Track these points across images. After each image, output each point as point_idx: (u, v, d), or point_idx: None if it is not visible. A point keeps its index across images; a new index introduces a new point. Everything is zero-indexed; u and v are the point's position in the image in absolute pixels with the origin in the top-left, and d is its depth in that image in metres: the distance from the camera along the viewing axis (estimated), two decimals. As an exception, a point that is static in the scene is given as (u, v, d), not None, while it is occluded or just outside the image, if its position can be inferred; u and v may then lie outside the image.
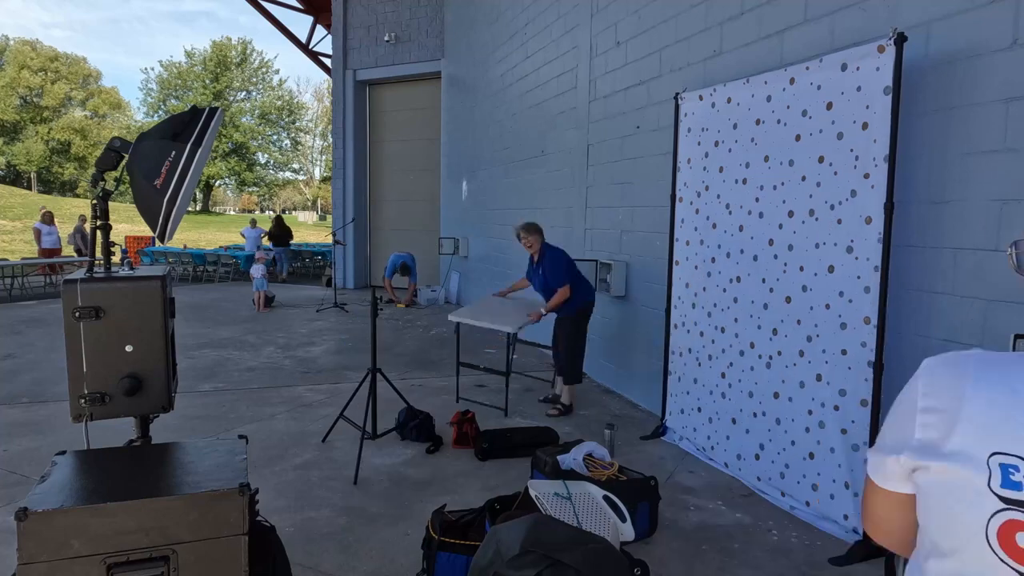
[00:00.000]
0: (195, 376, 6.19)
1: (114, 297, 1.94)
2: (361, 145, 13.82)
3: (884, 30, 3.12)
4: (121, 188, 2.47)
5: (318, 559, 2.98)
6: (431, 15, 12.43)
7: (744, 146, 3.91)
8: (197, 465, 1.84)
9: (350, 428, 4.34)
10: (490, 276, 9.73)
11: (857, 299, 3.18)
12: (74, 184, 48.11)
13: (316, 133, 54.49)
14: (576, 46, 6.65)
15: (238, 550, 1.67)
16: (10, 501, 3.50)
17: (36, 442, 4.41)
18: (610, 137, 5.94)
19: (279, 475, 3.92)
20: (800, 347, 3.52)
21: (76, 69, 47.58)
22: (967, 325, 2.85)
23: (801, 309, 3.51)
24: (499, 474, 4.00)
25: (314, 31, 16.94)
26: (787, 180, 3.60)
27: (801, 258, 3.51)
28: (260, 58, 48.75)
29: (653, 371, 5.17)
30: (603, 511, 2.56)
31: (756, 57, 4.08)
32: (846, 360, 3.24)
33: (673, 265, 4.62)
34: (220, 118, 2.23)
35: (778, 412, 3.66)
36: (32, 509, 1.52)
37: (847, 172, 3.22)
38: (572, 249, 6.68)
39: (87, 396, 1.96)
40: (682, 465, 4.19)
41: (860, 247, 3.16)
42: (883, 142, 3.01)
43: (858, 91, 3.14)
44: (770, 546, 3.17)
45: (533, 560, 1.91)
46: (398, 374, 6.45)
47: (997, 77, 2.72)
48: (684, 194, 4.49)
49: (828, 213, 3.33)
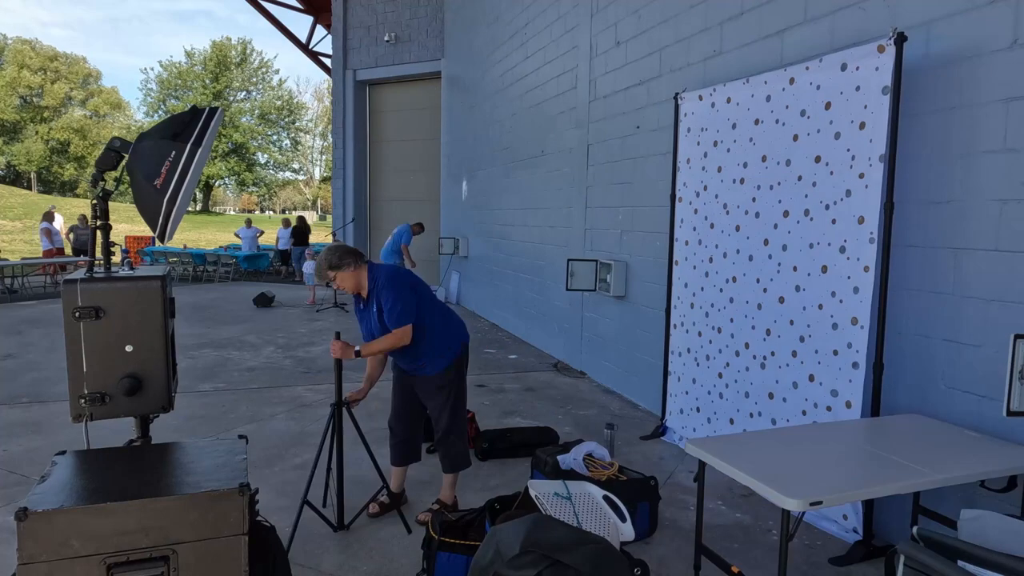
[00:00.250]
0: (195, 376, 6.19)
1: (114, 297, 1.94)
2: (361, 145, 13.83)
3: (884, 30, 3.12)
4: (121, 188, 2.47)
5: (318, 559, 2.98)
6: (431, 15, 12.43)
7: (743, 146, 3.92)
8: (197, 465, 1.84)
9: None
10: (490, 276, 9.74)
11: (847, 299, 3.19)
12: (74, 184, 48.11)
13: (316, 133, 54.51)
14: (576, 46, 6.65)
15: (238, 550, 1.67)
16: (10, 501, 3.50)
17: (36, 442, 4.41)
18: (610, 137, 5.94)
19: (279, 475, 3.92)
20: (793, 348, 3.52)
21: (76, 69, 47.58)
22: (967, 325, 2.85)
23: (794, 309, 3.52)
24: (499, 474, 4.00)
25: (314, 31, 16.96)
26: (784, 180, 3.60)
27: (795, 258, 3.52)
28: (260, 58, 48.76)
29: (653, 371, 5.17)
30: (603, 511, 2.56)
31: (756, 57, 4.08)
32: (837, 361, 3.25)
33: (673, 265, 4.62)
34: (220, 118, 2.24)
35: (773, 412, 3.67)
36: (32, 509, 1.52)
37: (843, 172, 3.22)
38: (572, 249, 6.68)
39: (87, 396, 1.96)
40: (682, 465, 4.19)
41: (852, 247, 3.17)
42: (879, 142, 3.01)
43: (857, 91, 3.14)
44: (770, 546, 3.17)
45: (533, 560, 1.91)
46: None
47: (997, 77, 2.72)
48: (683, 194, 4.49)
49: (823, 213, 3.33)
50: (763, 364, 3.74)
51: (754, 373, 3.81)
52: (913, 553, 1.66)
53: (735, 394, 3.98)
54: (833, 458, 2.41)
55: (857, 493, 2.15)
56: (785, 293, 3.58)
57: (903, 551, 1.69)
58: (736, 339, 3.96)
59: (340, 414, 3.21)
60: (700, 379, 4.32)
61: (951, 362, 2.91)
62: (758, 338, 3.78)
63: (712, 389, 4.20)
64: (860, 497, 2.18)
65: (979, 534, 1.93)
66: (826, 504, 2.03)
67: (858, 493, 2.15)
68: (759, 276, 3.78)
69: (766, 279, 3.72)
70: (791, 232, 3.54)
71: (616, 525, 2.45)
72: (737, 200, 3.96)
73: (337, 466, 3.21)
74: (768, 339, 3.70)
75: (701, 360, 4.31)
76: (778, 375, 3.63)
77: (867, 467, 2.31)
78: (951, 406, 2.91)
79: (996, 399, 2.70)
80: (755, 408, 3.81)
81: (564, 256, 6.76)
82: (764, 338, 3.73)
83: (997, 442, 2.56)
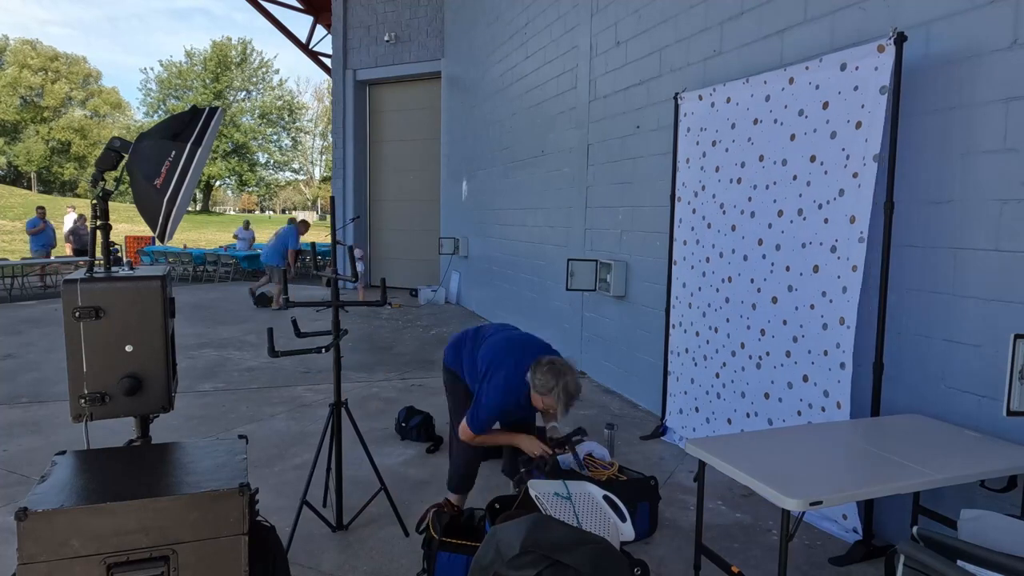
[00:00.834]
0: (195, 376, 6.19)
1: (114, 297, 1.94)
2: (361, 145, 13.82)
3: (884, 30, 3.12)
4: (121, 188, 2.47)
5: (318, 559, 2.98)
6: (431, 15, 12.43)
7: (741, 146, 3.92)
8: (197, 465, 1.84)
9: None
10: (490, 276, 9.74)
11: (836, 299, 3.19)
12: (74, 184, 48.11)
13: (316, 133, 54.52)
14: (576, 46, 6.65)
15: (238, 550, 1.67)
16: (10, 501, 3.50)
17: (36, 442, 4.41)
18: (610, 137, 5.94)
19: (279, 475, 3.92)
20: (787, 348, 3.52)
21: (76, 69, 47.58)
22: (967, 325, 2.85)
23: (787, 309, 3.52)
24: (499, 474, 4.00)
25: (314, 31, 16.94)
26: (779, 179, 3.60)
27: (788, 258, 3.52)
28: (260, 58, 48.77)
29: (653, 371, 5.17)
30: (603, 511, 2.56)
31: (756, 57, 4.08)
32: (827, 361, 3.25)
33: (672, 265, 4.62)
34: (220, 118, 2.24)
35: (769, 412, 3.67)
36: (32, 509, 1.52)
37: (837, 171, 3.22)
38: (572, 249, 6.69)
39: (87, 396, 1.96)
40: (682, 465, 4.19)
41: (842, 247, 3.17)
42: (875, 141, 3.01)
43: (855, 91, 3.14)
44: (770, 546, 3.17)
45: (533, 560, 1.91)
46: (398, 374, 6.46)
47: (997, 77, 2.72)
48: (682, 194, 4.49)
49: (816, 212, 3.33)
50: (759, 364, 3.74)
51: (750, 373, 3.82)
52: (913, 553, 1.66)
53: (732, 394, 3.98)
54: (832, 458, 2.41)
55: (857, 493, 2.15)
56: (778, 293, 3.58)
57: (903, 551, 1.69)
58: (732, 339, 3.97)
59: (339, 414, 3.21)
60: (698, 379, 4.32)
61: (951, 362, 2.91)
62: (753, 338, 3.78)
63: (710, 389, 4.20)
64: (860, 497, 2.18)
65: (979, 534, 1.93)
66: (826, 504, 2.03)
67: (858, 493, 2.15)
68: (753, 276, 3.78)
69: (760, 279, 3.72)
70: (784, 232, 3.54)
71: (616, 525, 2.45)
72: (734, 200, 3.96)
73: (336, 466, 3.21)
74: (763, 339, 3.70)
75: (699, 360, 4.31)
76: (773, 375, 3.63)
77: (866, 467, 2.32)
78: (951, 406, 2.91)
79: (996, 399, 2.70)
80: (751, 408, 3.81)
81: (564, 256, 6.76)
82: (759, 338, 3.73)
83: (997, 442, 2.56)
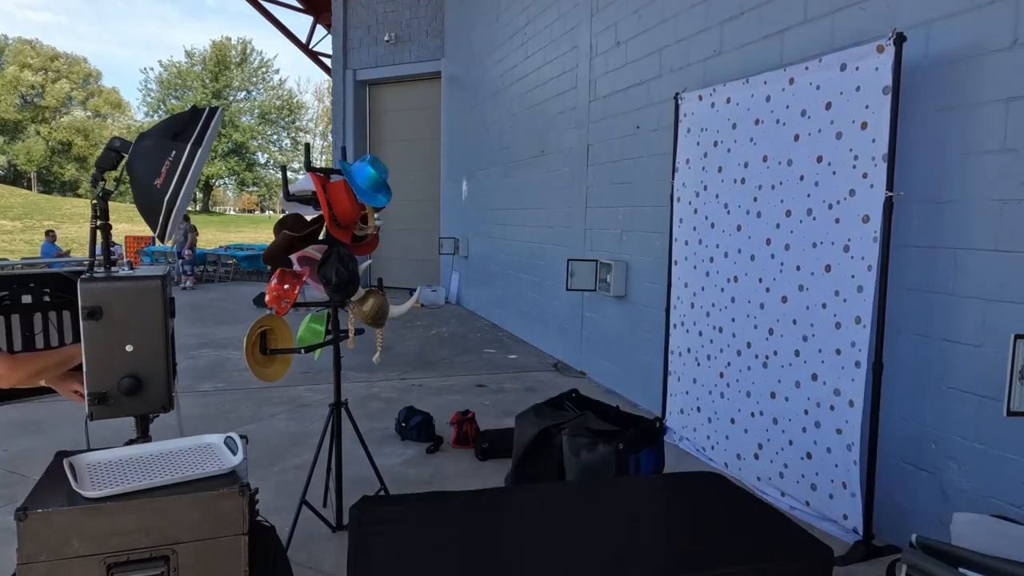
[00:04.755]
0: (195, 376, 6.19)
1: (114, 297, 1.94)
2: (361, 145, 13.82)
3: (884, 30, 3.12)
4: (121, 188, 2.47)
5: (318, 559, 2.99)
6: (431, 15, 12.43)
7: (743, 146, 3.92)
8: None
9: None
10: (490, 276, 9.74)
11: (851, 298, 3.19)
12: (75, 184, 48.12)
13: (316, 133, 54.52)
14: (576, 46, 6.65)
15: (238, 550, 1.67)
16: (10, 501, 3.50)
17: (36, 442, 4.41)
18: (610, 137, 5.94)
19: (279, 475, 3.92)
20: (796, 347, 3.52)
21: (76, 69, 47.62)
22: (967, 325, 2.85)
23: (797, 309, 3.52)
24: (499, 474, 4.00)
25: (314, 31, 16.94)
26: (785, 180, 3.60)
27: (798, 257, 3.51)
28: (260, 58, 48.81)
29: (653, 371, 5.17)
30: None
31: (756, 57, 4.08)
32: (840, 360, 3.24)
33: (672, 265, 4.62)
34: (220, 118, 2.24)
35: (775, 412, 3.67)
36: (32, 509, 1.52)
37: (846, 172, 3.22)
38: (572, 249, 6.69)
39: (87, 396, 1.96)
40: (682, 465, 4.19)
41: (856, 246, 3.16)
42: (882, 141, 3.01)
43: (857, 91, 3.14)
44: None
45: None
46: (398, 374, 6.46)
47: (997, 77, 2.72)
48: (683, 194, 4.49)
49: (826, 212, 3.33)
50: (765, 363, 3.74)
51: (756, 372, 3.81)
52: (916, 562, 1.65)
53: (736, 393, 3.98)
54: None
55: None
56: (788, 292, 3.58)
57: (906, 560, 1.68)
58: (738, 338, 3.96)
59: (339, 414, 3.21)
60: (701, 379, 4.32)
61: (951, 362, 2.91)
62: (760, 337, 3.78)
63: (713, 389, 4.20)
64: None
65: (971, 538, 1.93)
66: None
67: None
68: (761, 276, 3.77)
69: (768, 278, 3.72)
70: (794, 232, 3.54)
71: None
72: (738, 200, 3.96)
73: (336, 466, 3.21)
74: (771, 338, 3.70)
75: (702, 360, 4.31)
76: (780, 374, 3.62)
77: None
78: (951, 406, 2.91)
79: (996, 399, 2.70)
80: (757, 407, 3.81)
81: (564, 256, 6.76)
82: (767, 337, 3.73)
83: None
